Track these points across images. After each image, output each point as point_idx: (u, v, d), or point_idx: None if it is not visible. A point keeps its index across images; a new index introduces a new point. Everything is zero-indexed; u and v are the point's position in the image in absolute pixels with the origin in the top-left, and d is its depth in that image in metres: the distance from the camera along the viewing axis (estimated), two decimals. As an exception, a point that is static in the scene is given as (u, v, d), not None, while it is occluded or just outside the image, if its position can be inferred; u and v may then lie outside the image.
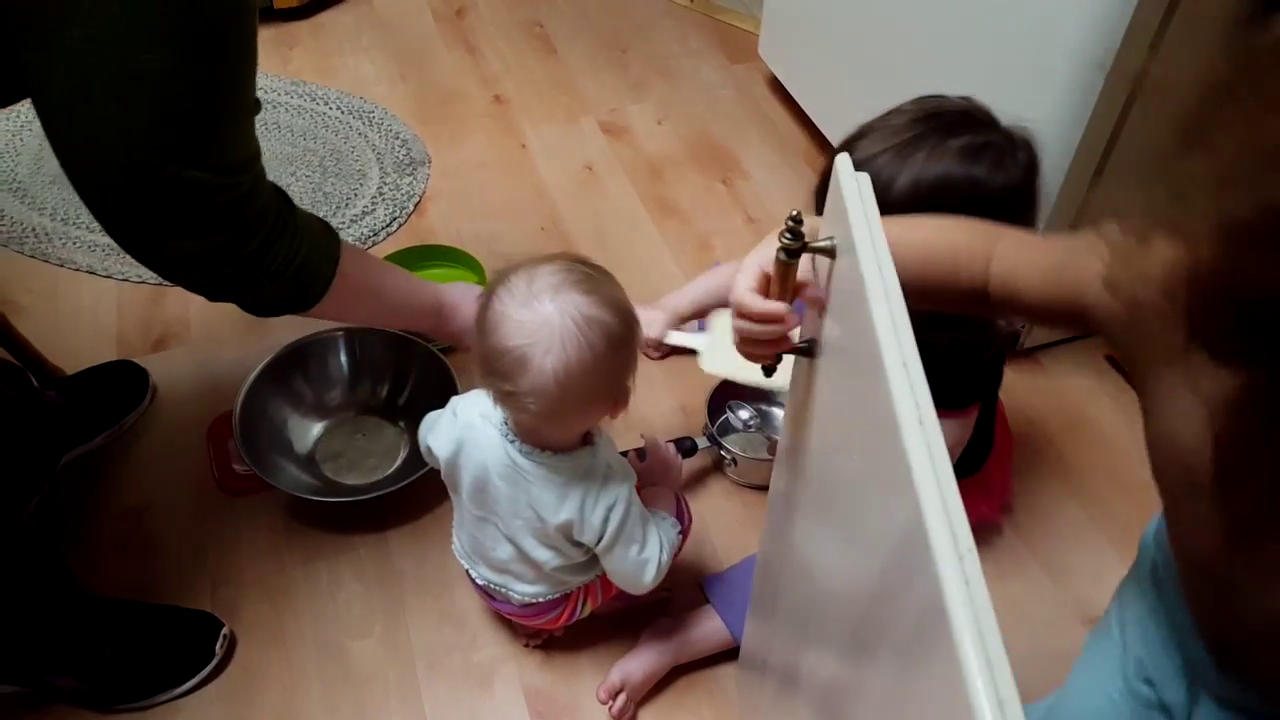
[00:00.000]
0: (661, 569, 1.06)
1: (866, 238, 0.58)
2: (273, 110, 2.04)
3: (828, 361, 0.68)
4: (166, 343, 1.59)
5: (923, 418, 0.48)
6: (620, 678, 1.18)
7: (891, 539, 0.52)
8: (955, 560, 0.43)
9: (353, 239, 1.77)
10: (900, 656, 0.50)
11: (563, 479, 1.00)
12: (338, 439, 1.45)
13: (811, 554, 0.74)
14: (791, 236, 0.63)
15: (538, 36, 2.28)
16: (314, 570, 1.32)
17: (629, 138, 2.01)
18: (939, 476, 0.46)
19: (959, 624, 0.41)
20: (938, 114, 0.99)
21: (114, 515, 1.37)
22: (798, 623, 0.80)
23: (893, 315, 0.53)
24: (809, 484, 0.75)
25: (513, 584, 1.11)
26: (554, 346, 0.90)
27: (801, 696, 0.78)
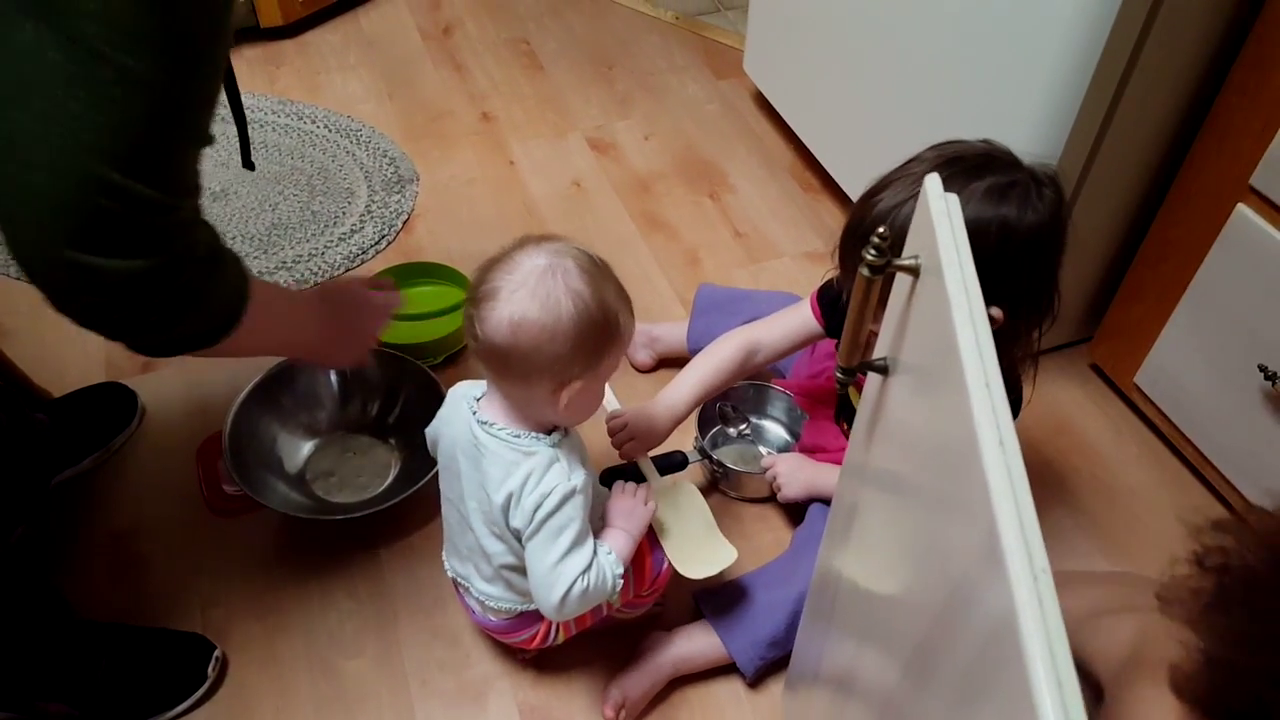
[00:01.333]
0: (574, 598, 0.99)
1: (954, 258, 0.58)
2: (260, 129, 2.04)
3: (903, 379, 0.68)
4: (155, 364, 1.59)
5: (1003, 439, 0.49)
6: (621, 693, 1.17)
7: (964, 557, 0.52)
8: (1030, 580, 0.43)
9: (341, 257, 1.77)
10: (966, 675, 0.50)
11: (512, 457, 1.00)
12: (328, 457, 1.45)
13: (875, 569, 0.74)
14: (877, 253, 0.63)
15: (524, 54, 2.29)
16: (305, 590, 1.31)
17: (616, 153, 2.02)
18: (1018, 497, 0.47)
19: (1031, 644, 0.41)
20: (959, 158, 0.99)
21: (103, 537, 1.36)
22: (855, 637, 0.80)
23: (977, 336, 0.54)
24: (876, 499, 0.75)
25: (474, 578, 1.11)
26: (523, 292, 0.92)
27: (856, 712, 0.77)
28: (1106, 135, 1.31)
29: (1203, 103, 1.32)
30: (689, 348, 1.54)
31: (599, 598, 1.02)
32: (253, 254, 1.77)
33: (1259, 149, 1.20)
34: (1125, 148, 1.35)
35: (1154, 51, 1.24)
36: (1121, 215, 1.45)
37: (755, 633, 1.20)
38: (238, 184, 1.91)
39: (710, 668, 1.23)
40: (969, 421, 0.50)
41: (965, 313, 0.55)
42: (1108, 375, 1.57)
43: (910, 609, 0.62)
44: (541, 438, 1.00)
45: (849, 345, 0.71)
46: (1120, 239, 1.48)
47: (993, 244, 0.94)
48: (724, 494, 1.44)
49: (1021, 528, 0.45)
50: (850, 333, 0.70)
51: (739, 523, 1.40)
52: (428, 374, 1.44)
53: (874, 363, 0.73)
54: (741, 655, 1.20)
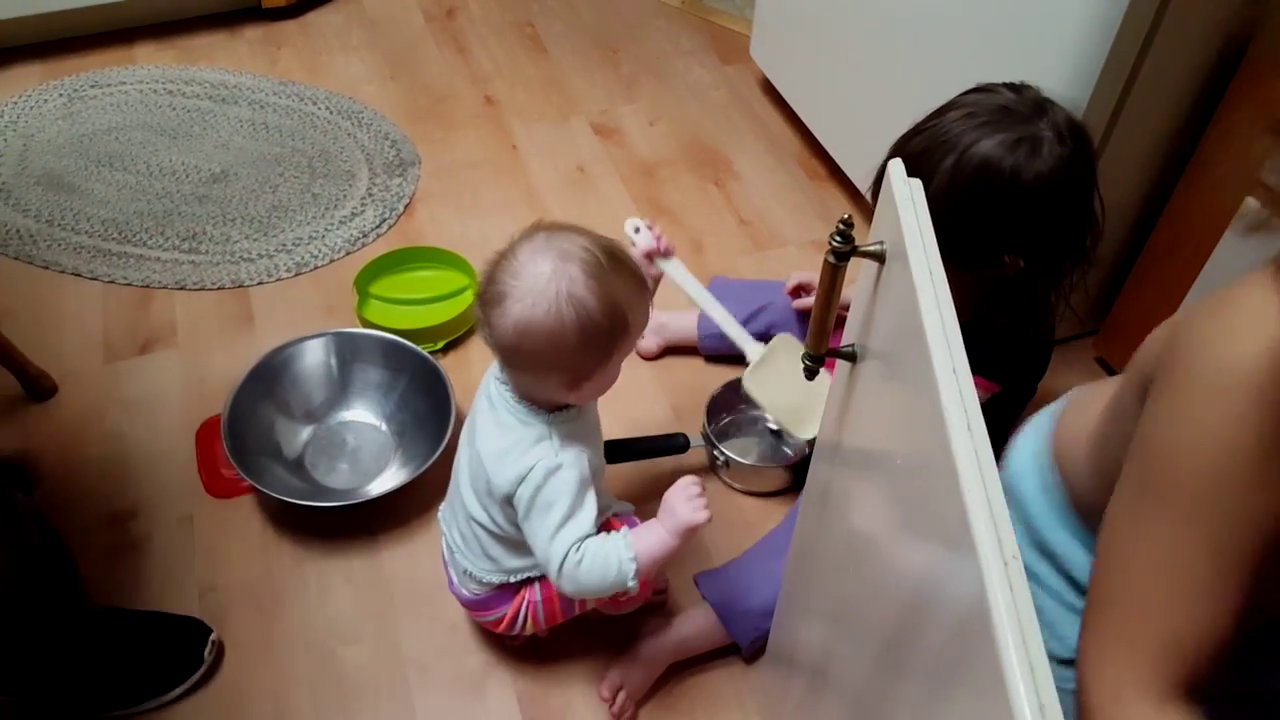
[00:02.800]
0: (570, 570, 0.97)
1: (919, 244, 0.57)
2: (261, 110, 2.02)
3: (871, 365, 0.68)
4: (153, 346, 1.58)
5: (971, 424, 0.49)
6: (620, 676, 1.17)
7: (935, 543, 0.52)
8: (1001, 566, 0.43)
9: (342, 240, 1.76)
10: (939, 660, 0.50)
11: (508, 420, 1.01)
12: (327, 443, 1.44)
13: (848, 554, 0.74)
14: (841, 240, 0.63)
15: (529, 36, 2.27)
16: (303, 576, 1.31)
17: (620, 138, 2.00)
18: (987, 484, 0.46)
19: (1002, 629, 0.41)
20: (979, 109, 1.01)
21: (100, 520, 1.35)
22: (830, 623, 0.80)
23: (943, 321, 0.53)
24: (847, 485, 0.75)
25: (460, 546, 1.12)
26: (527, 301, 0.92)
27: (831, 696, 0.77)
28: (1114, 130, 1.29)
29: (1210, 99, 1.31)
30: (699, 335, 1.53)
31: (602, 578, 0.98)
32: (253, 235, 1.76)
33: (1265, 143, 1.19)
34: (1133, 143, 1.33)
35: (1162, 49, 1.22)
36: (1129, 210, 1.44)
37: (750, 604, 1.20)
38: (238, 165, 1.89)
39: (711, 649, 1.23)
40: (937, 407, 0.50)
41: (931, 298, 0.54)
42: (1113, 369, 1.55)
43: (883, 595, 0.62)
44: (541, 413, 1.01)
45: (817, 332, 0.71)
46: (1127, 233, 1.46)
47: (998, 193, 0.97)
48: (725, 484, 1.43)
49: (991, 514, 0.45)
50: (817, 319, 0.70)
51: (741, 513, 1.39)
52: (428, 360, 1.43)
53: (842, 349, 0.73)
54: (736, 627, 1.20)
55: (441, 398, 1.39)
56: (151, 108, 2.01)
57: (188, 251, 1.73)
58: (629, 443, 1.36)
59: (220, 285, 1.67)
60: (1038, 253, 1.02)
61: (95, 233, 1.75)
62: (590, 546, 0.98)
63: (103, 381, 1.52)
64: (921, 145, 1.01)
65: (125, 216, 1.78)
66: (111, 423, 1.47)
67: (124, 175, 1.86)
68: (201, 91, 2.06)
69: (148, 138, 1.94)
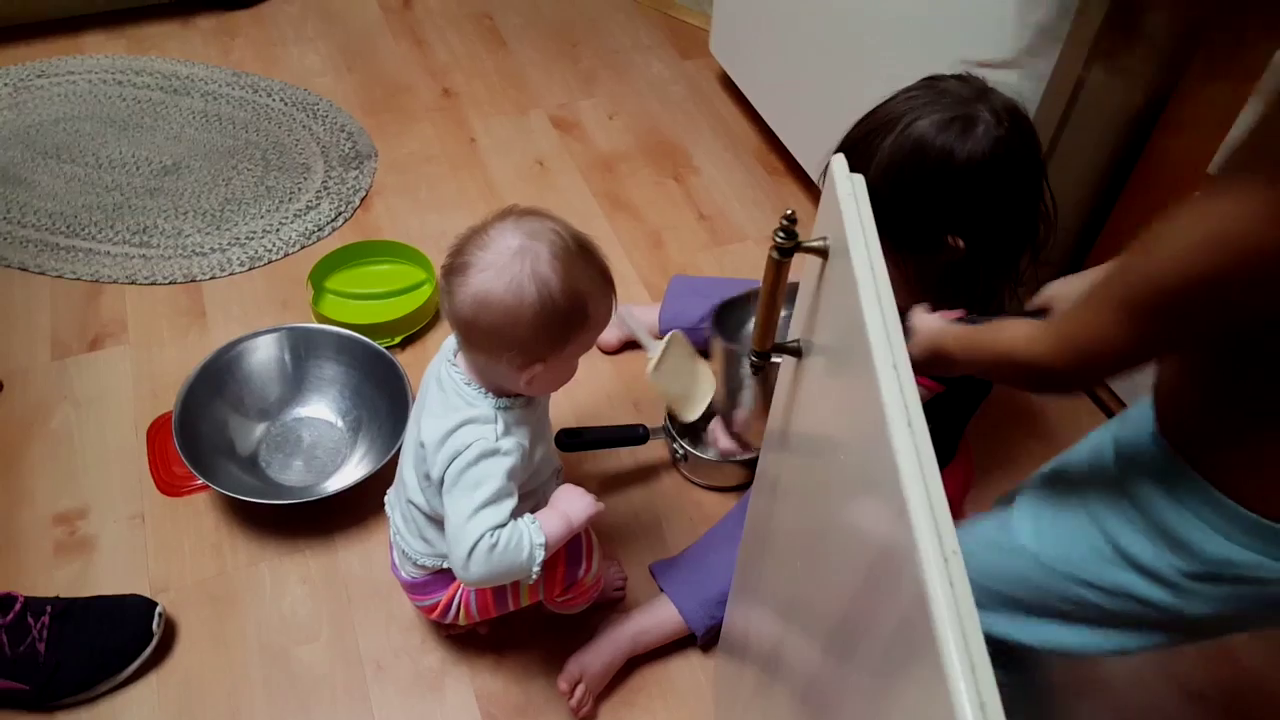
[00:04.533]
0: (481, 554, 0.95)
1: (860, 239, 0.57)
2: (214, 102, 1.99)
3: (816, 360, 0.68)
4: (103, 342, 1.55)
5: (911, 420, 0.49)
6: (579, 668, 1.17)
7: (877, 539, 0.52)
8: (940, 562, 0.43)
9: (297, 234, 1.74)
10: (884, 655, 0.51)
11: (455, 403, 1.00)
12: (282, 440, 1.42)
13: (795, 548, 0.74)
14: (785, 235, 0.63)
15: (487, 29, 2.26)
16: (257, 574, 1.29)
17: (580, 132, 2.00)
18: (926, 480, 0.46)
19: (943, 626, 0.41)
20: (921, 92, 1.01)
21: (49, 519, 1.32)
22: (780, 615, 0.80)
23: (884, 317, 0.53)
24: (795, 477, 0.75)
25: (400, 528, 1.11)
26: (489, 273, 0.92)
27: (783, 688, 0.78)
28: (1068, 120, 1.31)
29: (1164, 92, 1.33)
30: (660, 328, 1.53)
31: (511, 564, 0.97)
32: (205, 229, 1.73)
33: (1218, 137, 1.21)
34: (1085, 135, 1.35)
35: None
36: (1083, 203, 1.46)
37: (704, 592, 1.21)
38: (190, 158, 1.86)
39: (668, 640, 1.23)
40: (878, 403, 0.50)
41: (872, 293, 0.55)
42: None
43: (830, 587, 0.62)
44: (489, 396, 1.00)
45: (762, 328, 0.71)
46: (1080, 226, 1.49)
47: (931, 171, 0.97)
48: (684, 477, 1.43)
49: (931, 509, 0.45)
50: (763, 316, 0.70)
51: (699, 507, 1.40)
52: (384, 354, 1.42)
53: (787, 344, 0.73)
54: (692, 615, 1.21)
55: (398, 393, 1.38)
56: (101, 98, 1.97)
57: (138, 245, 1.69)
58: (585, 431, 1.36)
59: (172, 280, 1.64)
60: (978, 236, 1.01)
61: (43, 226, 1.71)
62: (503, 534, 0.97)
63: (51, 378, 1.49)
64: (864, 129, 1.02)
65: (74, 210, 1.74)
66: (60, 420, 1.44)
67: (72, 167, 1.82)
68: (152, 82, 2.02)
69: (97, 129, 1.90)
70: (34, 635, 1.12)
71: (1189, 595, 0.74)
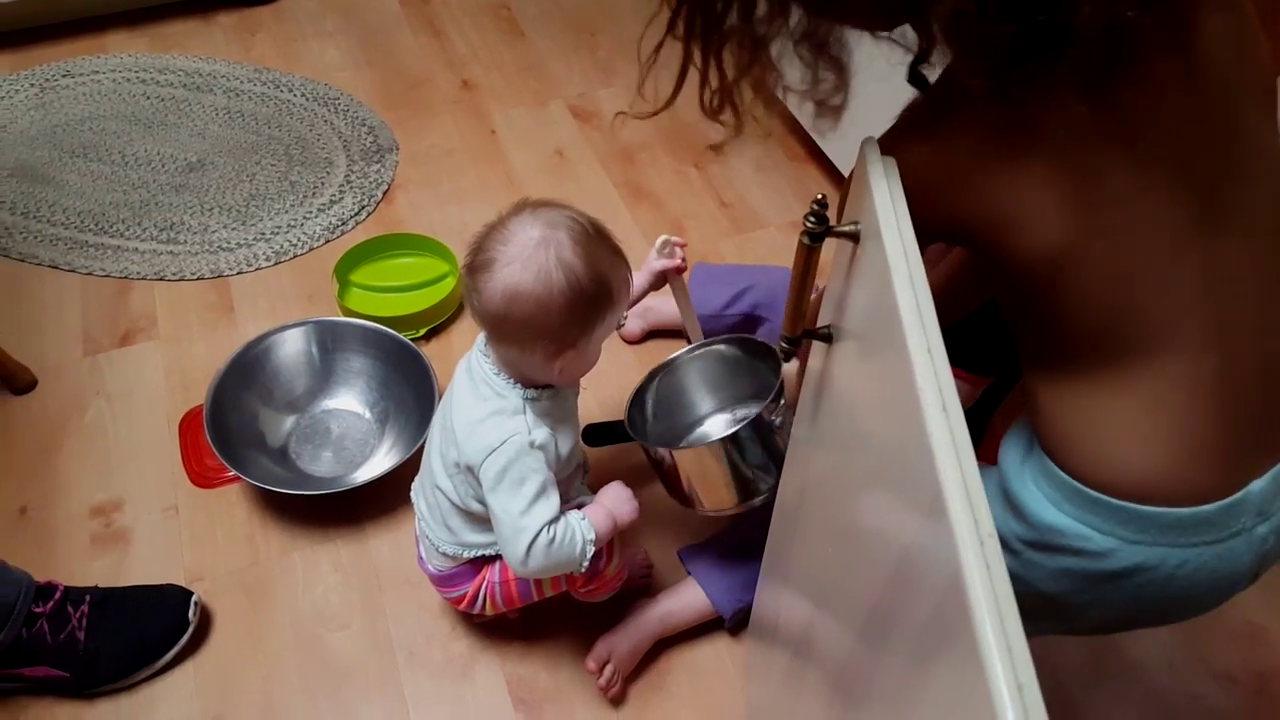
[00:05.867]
0: (539, 549, 0.98)
1: (892, 223, 0.57)
2: (236, 98, 2.00)
3: (847, 346, 0.68)
4: (133, 338, 1.57)
5: (946, 404, 0.48)
6: (606, 648, 1.18)
7: (912, 523, 0.52)
8: (977, 545, 0.43)
9: (321, 229, 1.75)
10: (918, 638, 0.51)
11: (485, 393, 1.01)
12: (311, 432, 1.44)
13: (827, 532, 0.74)
14: (816, 220, 0.63)
15: (505, 20, 2.26)
16: (290, 563, 1.31)
17: (599, 122, 2.00)
18: (962, 463, 0.46)
19: (979, 609, 0.41)
20: None
21: (85, 512, 1.35)
22: (811, 598, 0.80)
23: (918, 301, 0.53)
24: (826, 465, 0.75)
25: (425, 515, 1.12)
26: (515, 265, 0.93)
27: (815, 671, 0.78)
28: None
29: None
30: None
31: (565, 558, 1.01)
32: (231, 225, 1.75)
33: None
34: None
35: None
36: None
37: (732, 576, 1.22)
38: (214, 154, 1.88)
39: (696, 622, 1.24)
40: (912, 387, 0.50)
41: (905, 277, 0.54)
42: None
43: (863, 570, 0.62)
44: (518, 388, 1.01)
45: (792, 314, 0.71)
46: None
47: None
48: None
49: (967, 493, 0.45)
50: (793, 302, 0.70)
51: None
52: (410, 347, 1.43)
53: (818, 330, 0.73)
54: (720, 599, 1.22)
55: (424, 384, 1.39)
56: (125, 97, 1.99)
57: (166, 242, 1.71)
58: (612, 425, 1.36)
59: (199, 275, 1.67)
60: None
61: (72, 224, 1.73)
62: (557, 529, 1.00)
63: (83, 374, 1.51)
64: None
65: (101, 207, 1.77)
66: (93, 415, 1.46)
67: (99, 166, 1.84)
68: (176, 80, 2.04)
69: (122, 127, 1.92)
70: (73, 624, 1.15)
71: (1030, 566, 0.74)
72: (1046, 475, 0.72)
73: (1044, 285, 0.66)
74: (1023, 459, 0.75)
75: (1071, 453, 0.70)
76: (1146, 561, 0.69)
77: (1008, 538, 0.75)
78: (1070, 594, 0.74)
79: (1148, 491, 0.68)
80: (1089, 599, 0.74)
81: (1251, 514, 0.69)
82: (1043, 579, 0.74)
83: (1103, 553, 0.70)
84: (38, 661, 1.13)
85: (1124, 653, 1.26)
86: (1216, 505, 0.68)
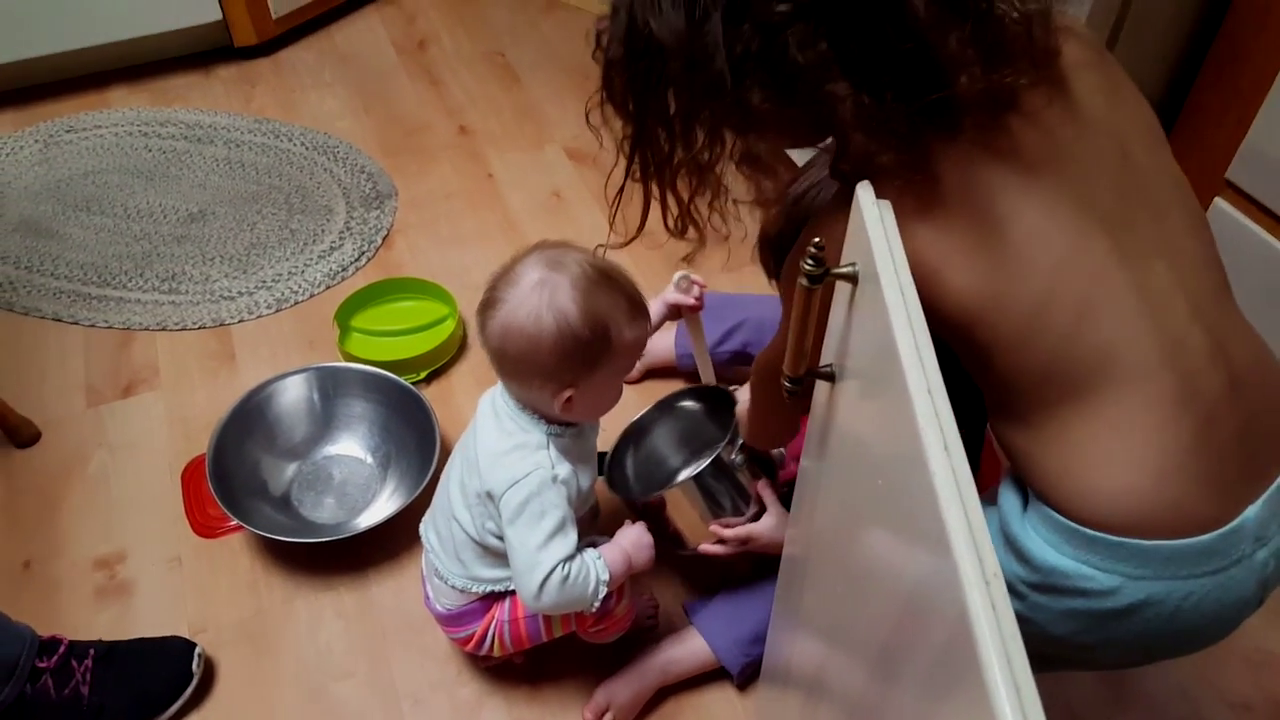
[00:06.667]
0: (553, 586, 0.98)
1: (889, 264, 0.58)
2: (237, 149, 2.03)
3: (849, 385, 0.68)
4: (136, 388, 1.58)
5: (948, 444, 0.49)
6: (606, 698, 1.17)
7: (917, 563, 0.52)
8: (982, 585, 0.43)
9: (322, 275, 1.76)
10: (928, 680, 0.51)
11: (509, 427, 1.04)
12: (313, 478, 1.44)
13: (834, 573, 0.75)
14: (814, 264, 0.64)
15: (500, 66, 2.29)
16: (294, 612, 1.30)
17: (595, 163, 2.02)
18: (965, 502, 0.46)
19: (985, 648, 0.41)
20: None
21: (89, 564, 1.35)
22: (821, 640, 0.80)
23: (916, 341, 0.54)
24: (832, 505, 0.75)
25: (435, 548, 1.13)
26: (512, 304, 0.97)
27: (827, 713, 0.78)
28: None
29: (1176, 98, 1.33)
30: (677, 354, 1.54)
31: (578, 595, 1.02)
32: (232, 274, 1.76)
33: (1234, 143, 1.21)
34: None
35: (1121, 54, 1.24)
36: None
37: (739, 631, 1.20)
38: (215, 204, 1.90)
39: (700, 672, 1.22)
40: (913, 427, 0.50)
41: (904, 318, 0.55)
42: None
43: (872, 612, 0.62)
44: (541, 423, 1.03)
45: (794, 355, 0.72)
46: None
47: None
48: None
49: (971, 532, 0.45)
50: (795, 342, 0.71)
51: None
52: (411, 391, 1.44)
53: (820, 370, 0.74)
54: (727, 655, 1.20)
55: (426, 428, 1.39)
56: (127, 150, 2.02)
57: (168, 292, 1.73)
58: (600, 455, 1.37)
59: (201, 324, 1.68)
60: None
61: (75, 277, 1.75)
62: (573, 566, 1.01)
63: (86, 425, 1.52)
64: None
65: (104, 260, 1.78)
66: (96, 466, 1.46)
67: (102, 219, 1.86)
68: (177, 132, 2.07)
69: (124, 180, 1.95)
70: (77, 679, 1.14)
71: (1036, 609, 0.74)
72: (1042, 518, 0.72)
73: (984, 328, 0.69)
74: (1019, 503, 0.76)
75: (1060, 492, 0.71)
76: (1152, 596, 0.69)
77: (1012, 581, 0.75)
78: (1079, 634, 0.73)
79: (1143, 523, 0.68)
80: (1098, 638, 0.73)
81: (1250, 540, 0.69)
82: (1050, 620, 0.74)
83: (1107, 591, 0.70)
84: (42, 718, 1.12)
85: (1138, 683, 1.25)
86: (1215, 534, 0.68)
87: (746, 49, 0.66)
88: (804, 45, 0.64)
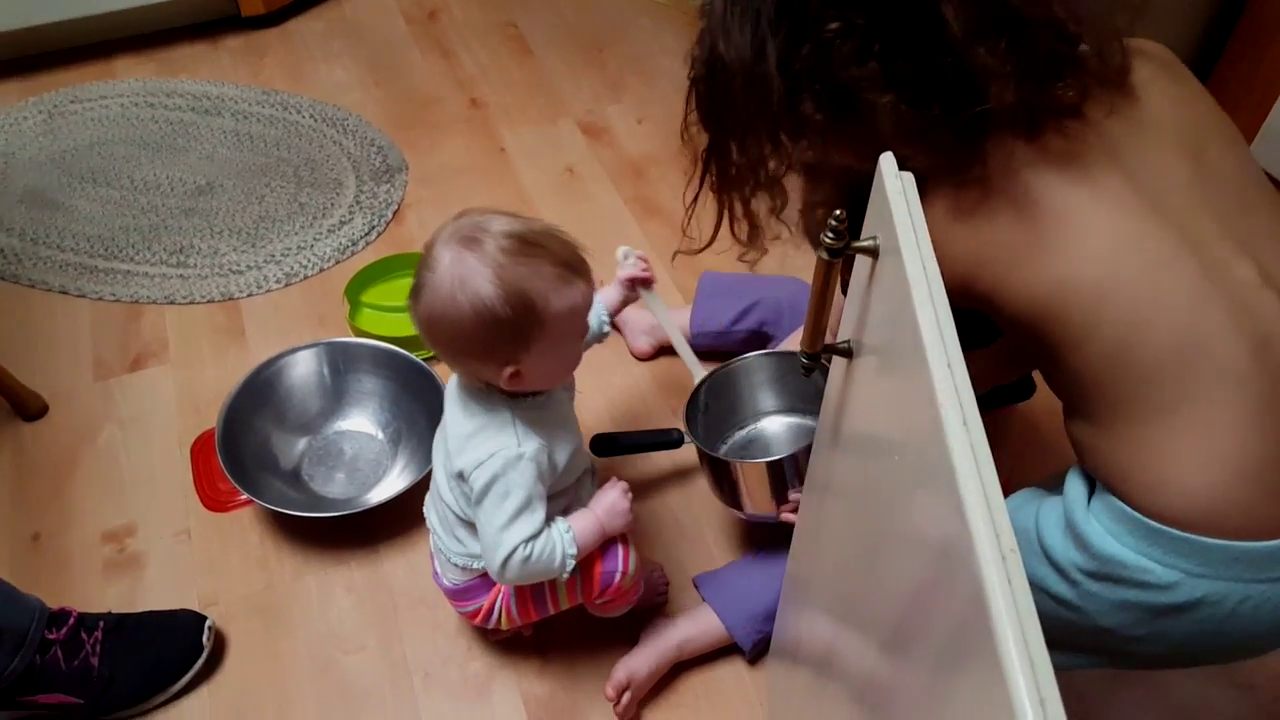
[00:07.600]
0: (515, 565, 0.98)
1: (911, 238, 0.57)
2: (245, 121, 2.01)
3: (867, 361, 0.68)
4: (144, 362, 1.57)
5: (967, 419, 0.48)
6: (626, 674, 1.17)
7: (934, 538, 0.51)
8: (999, 560, 0.43)
9: (331, 250, 1.75)
10: (941, 654, 0.50)
11: (474, 408, 1.02)
12: (324, 453, 1.43)
13: (848, 550, 0.74)
14: (834, 236, 0.63)
15: (512, 38, 2.27)
16: (304, 586, 1.30)
17: (609, 138, 2.00)
18: (983, 478, 0.46)
19: (1001, 624, 0.41)
20: None
21: (98, 538, 1.34)
22: (833, 615, 0.80)
23: (937, 316, 0.53)
24: (847, 478, 0.75)
25: (436, 528, 1.13)
26: (429, 293, 0.94)
27: (836, 690, 0.77)
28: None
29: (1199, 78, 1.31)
30: (692, 333, 1.53)
31: (544, 571, 1.01)
32: (241, 247, 1.75)
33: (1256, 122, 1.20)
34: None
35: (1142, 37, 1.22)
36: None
37: (751, 608, 1.20)
38: (224, 177, 1.88)
39: (714, 648, 1.22)
40: (932, 402, 0.50)
41: (925, 292, 0.54)
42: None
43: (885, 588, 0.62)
44: (503, 399, 1.01)
45: (812, 330, 0.71)
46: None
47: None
48: None
49: (988, 508, 0.45)
50: (812, 317, 0.70)
51: (741, 509, 1.39)
52: (422, 366, 1.43)
53: (838, 346, 0.73)
54: (739, 631, 1.20)
55: (436, 403, 1.37)
56: (133, 121, 2.00)
57: (176, 265, 1.71)
58: (620, 436, 1.36)
59: (210, 298, 1.66)
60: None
61: (81, 249, 1.74)
62: (536, 545, 0.99)
63: (94, 399, 1.51)
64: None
65: (111, 232, 1.77)
66: (105, 440, 1.46)
67: (108, 190, 1.85)
68: (184, 103, 2.05)
69: (131, 152, 1.93)
70: (87, 650, 1.14)
71: (1088, 597, 0.74)
72: (1107, 507, 0.72)
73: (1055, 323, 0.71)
74: (1084, 492, 0.76)
75: (1129, 484, 0.71)
76: (1210, 595, 0.69)
77: (1066, 568, 0.75)
78: (1127, 626, 0.73)
79: (1211, 521, 0.67)
80: (1145, 632, 0.73)
81: None
82: (1101, 610, 0.74)
83: (1165, 585, 0.69)
84: (51, 688, 1.12)
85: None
86: None
87: (804, 67, 0.73)
88: (852, 61, 0.71)
